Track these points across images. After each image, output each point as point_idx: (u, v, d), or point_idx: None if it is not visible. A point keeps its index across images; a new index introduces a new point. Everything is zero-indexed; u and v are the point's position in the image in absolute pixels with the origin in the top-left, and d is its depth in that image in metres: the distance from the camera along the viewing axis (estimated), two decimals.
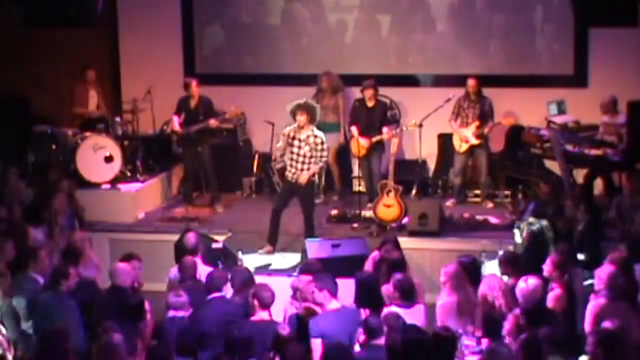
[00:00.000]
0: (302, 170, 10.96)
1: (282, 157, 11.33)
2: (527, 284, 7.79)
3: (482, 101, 12.47)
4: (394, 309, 7.96)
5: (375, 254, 9.53)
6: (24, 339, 8.49)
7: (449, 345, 7.01)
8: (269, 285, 8.31)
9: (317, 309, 8.16)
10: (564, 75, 13.12)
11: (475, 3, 13.40)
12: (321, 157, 10.98)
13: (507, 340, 7.15)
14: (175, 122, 12.60)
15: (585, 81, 13.05)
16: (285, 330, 7.61)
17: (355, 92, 12.95)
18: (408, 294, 8.19)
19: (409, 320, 7.69)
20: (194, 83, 12.59)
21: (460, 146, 12.56)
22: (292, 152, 10.99)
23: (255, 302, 8.06)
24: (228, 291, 8.60)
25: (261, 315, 8.06)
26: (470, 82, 12.46)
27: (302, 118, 10.84)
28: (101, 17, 13.16)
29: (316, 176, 11.94)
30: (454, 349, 7.12)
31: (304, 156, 10.93)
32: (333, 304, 8.10)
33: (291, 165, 11.02)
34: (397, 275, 8.33)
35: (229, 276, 8.66)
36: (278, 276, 10.32)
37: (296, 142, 10.93)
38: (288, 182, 11.15)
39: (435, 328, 7.44)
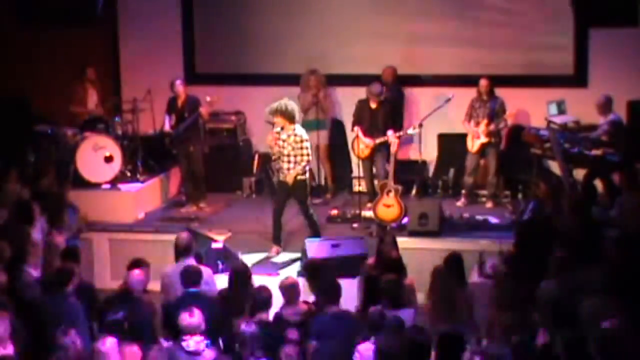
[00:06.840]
0: (288, 169, 11.01)
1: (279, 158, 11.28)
2: None
3: (493, 100, 12.46)
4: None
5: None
6: None
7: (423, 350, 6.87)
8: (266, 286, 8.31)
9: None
10: (564, 75, 13.10)
11: (475, 3, 13.39)
12: (302, 155, 10.99)
13: None
14: (167, 124, 12.60)
15: (585, 81, 13.04)
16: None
17: (356, 92, 12.94)
18: (395, 299, 8.11)
19: None
20: (177, 82, 12.50)
21: (472, 146, 12.54)
22: (279, 153, 11.05)
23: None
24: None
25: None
26: (483, 82, 12.46)
27: (278, 120, 10.93)
28: (101, 17, 13.20)
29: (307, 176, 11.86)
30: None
31: (288, 155, 10.99)
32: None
33: (280, 166, 11.10)
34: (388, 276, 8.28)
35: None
36: (276, 275, 10.36)
37: (280, 143, 10.99)
38: (280, 182, 11.22)
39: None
